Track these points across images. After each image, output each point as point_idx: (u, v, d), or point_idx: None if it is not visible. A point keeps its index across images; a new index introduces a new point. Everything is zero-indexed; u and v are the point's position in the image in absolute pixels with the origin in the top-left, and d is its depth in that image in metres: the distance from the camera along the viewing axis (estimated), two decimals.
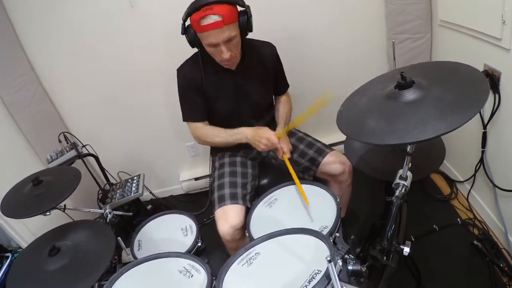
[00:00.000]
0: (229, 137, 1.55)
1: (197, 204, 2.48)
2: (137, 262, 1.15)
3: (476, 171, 1.82)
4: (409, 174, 1.00)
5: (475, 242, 1.75)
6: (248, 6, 1.40)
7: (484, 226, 1.85)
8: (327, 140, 2.26)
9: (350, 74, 2.24)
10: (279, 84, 1.73)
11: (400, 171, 1.03)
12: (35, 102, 2.15)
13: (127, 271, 1.11)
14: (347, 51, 2.22)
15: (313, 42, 2.16)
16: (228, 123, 1.62)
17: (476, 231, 1.85)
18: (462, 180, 2.04)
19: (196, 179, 2.57)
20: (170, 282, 1.08)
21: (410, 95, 0.87)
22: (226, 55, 1.37)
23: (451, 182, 2.16)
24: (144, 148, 2.50)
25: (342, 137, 2.35)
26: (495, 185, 1.69)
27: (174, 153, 2.53)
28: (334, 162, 1.56)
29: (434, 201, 2.10)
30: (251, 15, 1.40)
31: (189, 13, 1.35)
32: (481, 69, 1.58)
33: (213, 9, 1.28)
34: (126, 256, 1.47)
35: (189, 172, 2.61)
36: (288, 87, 1.78)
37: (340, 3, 2.05)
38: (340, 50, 2.21)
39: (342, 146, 2.32)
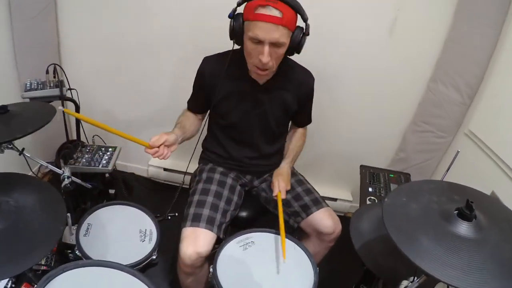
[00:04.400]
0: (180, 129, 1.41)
1: (157, 196, 2.29)
2: (84, 263, 0.96)
3: None
4: None
5: None
6: (308, 25, 1.26)
7: None
8: (320, 191, 2.23)
9: (360, 141, 2.22)
10: (302, 117, 1.62)
11: (405, 283, 0.94)
12: (41, 18, 1.91)
13: (68, 270, 0.92)
14: (366, 117, 2.15)
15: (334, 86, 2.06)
16: (234, 136, 1.51)
17: None
18: None
19: (165, 169, 2.38)
20: None
21: (468, 230, 0.79)
22: (265, 58, 1.21)
23: None
24: (129, 116, 2.29)
25: (335, 194, 2.40)
26: None
27: (159, 132, 2.33)
28: (326, 220, 1.46)
29: None
30: (308, 34, 1.26)
31: None
32: (487, 193, 1.56)
33: (277, 4, 1.15)
34: (68, 235, 1.27)
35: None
36: (310, 123, 1.66)
37: (386, 68, 1.97)
38: (359, 113, 2.14)
39: (334, 203, 2.38)
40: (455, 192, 0.92)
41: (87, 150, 1.72)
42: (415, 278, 0.95)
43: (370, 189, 1.60)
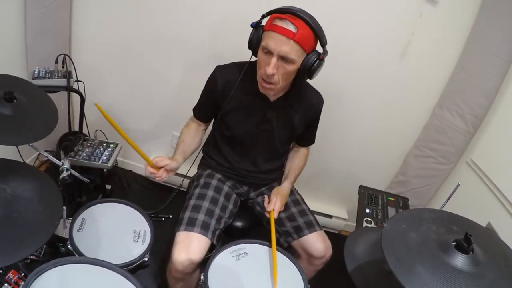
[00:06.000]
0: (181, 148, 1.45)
1: (152, 196, 2.28)
2: (76, 260, 0.96)
3: None
4: None
5: None
6: (326, 51, 1.26)
7: None
8: (316, 207, 2.23)
9: (361, 161, 2.23)
10: (306, 137, 1.62)
11: None
12: (56, 7, 1.90)
13: (60, 265, 0.91)
14: (368, 137, 2.16)
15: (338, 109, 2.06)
16: (237, 148, 1.51)
17: None
18: None
19: None
20: None
21: (465, 263, 0.79)
22: (270, 70, 1.20)
23: None
24: (133, 114, 2.29)
25: (331, 211, 2.39)
26: None
27: (158, 134, 2.35)
28: (318, 244, 1.44)
29: None
30: (322, 60, 1.24)
31: (272, 11, 1.23)
32: (483, 225, 1.56)
33: (295, 20, 1.16)
34: (62, 228, 1.26)
35: None
36: (313, 143, 1.66)
37: (392, 90, 1.98)
38: (361, 133, 2.16)
39: (329, 220, 2.37)
40: (454, 223, 0.92)
41: (89, 144, 1.72)
42: None
43: (367, 210, 1.59)
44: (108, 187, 2.01)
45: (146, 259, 1.24)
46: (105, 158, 1.64)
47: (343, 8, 1.80)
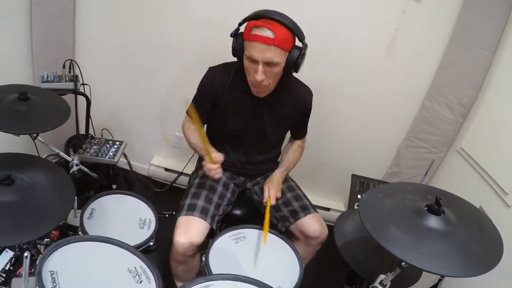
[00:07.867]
0: (200, 151, 1.52)
1: (156, 194, 2.38)
2: (88, 237, 1.05)
3: None
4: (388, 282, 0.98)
5: None
6: (306, 45, 1.34)
7: None
8: (314, 201, 2.29)
9: (355, 155, 2.31)
10: (298, 131, 1.70)
11: (382, 277, 1.01)
12: (60, 15, 2.03)
13: (74, 242, 1.01)
14: (361, 132, 2.24)
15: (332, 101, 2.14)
16: (230, 141, 1.60)
17: None
18: None
19: (166, 169, 2.48)
20: (115, 276, 0.98)
21: (437, 223, 0.87)
22: (259, 77, 1.29)
23: None
24: (136, 115, 2.41)
25: (329, 204, 2.46)
26: None
27: (161, 135, 2.45)
28: (314, 225, 1.52)
29: None
30: (304, 54, 1.33)
31: (247, 18, 1.31)
32: None
33: (271, 25, 1.23)
34: (72, 217, 1.36)
35: (162, 159, 2.53)
36: (305, 134, 1.74)
37: (382, 85, 2.07)
38: (355, 127, 2.24)
39: (327, 213, 2.45)
40: (430, 194, 1.00)
41: (96, 142, 1.83)
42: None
43: (359, 196, 1.68)
44: (114, 186, 2.11)
45: (151, 243, 1.34)
46: (111, 154, 1.75)
47: (327, 7, 1.90)
